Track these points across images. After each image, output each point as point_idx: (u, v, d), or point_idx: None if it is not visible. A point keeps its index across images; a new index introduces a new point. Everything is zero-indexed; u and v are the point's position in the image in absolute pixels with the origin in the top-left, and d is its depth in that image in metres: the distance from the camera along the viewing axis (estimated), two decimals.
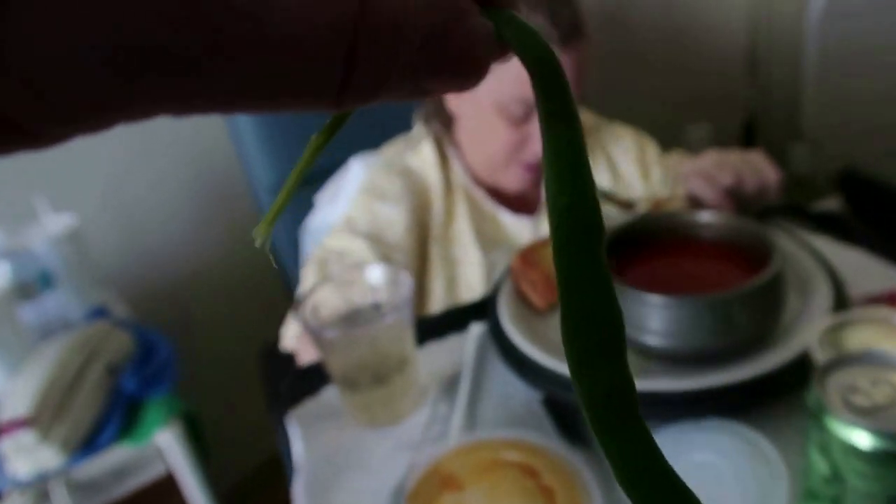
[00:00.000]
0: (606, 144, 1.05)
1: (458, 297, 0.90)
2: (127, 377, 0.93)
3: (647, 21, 1.60)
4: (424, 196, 0.96)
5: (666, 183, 1.01)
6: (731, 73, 1.71)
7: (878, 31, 1.56)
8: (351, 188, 1.06)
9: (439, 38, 0.14)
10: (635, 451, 0.14)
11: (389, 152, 1.05)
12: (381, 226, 0.90)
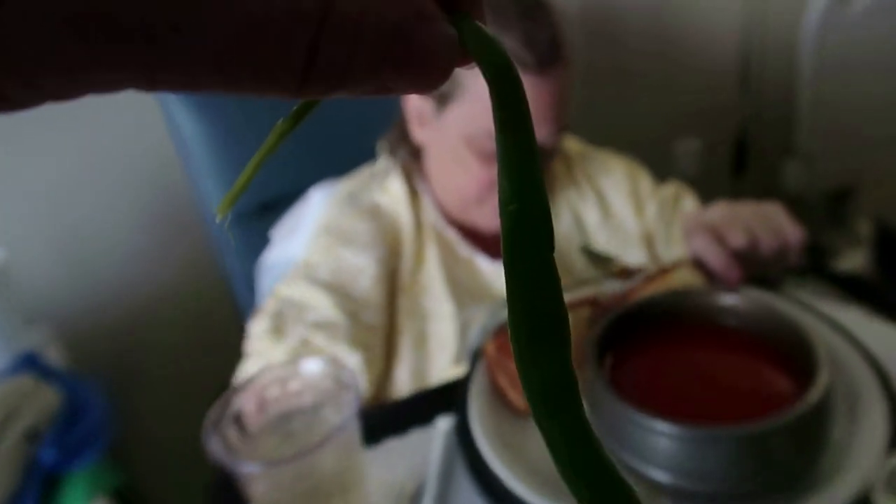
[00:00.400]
0: (595, 176, 0.95)
1: (429, 355, 0.79)
2: (47, 445, 0.81)
3: (636, 35, 1.51)
4: (395, 240, 0.85)
5: (662, 220, 0.91)
6: (723, 88, 1.62)
7: (874, 47, 1.48)
8: (311, 221, 0.94)
9: (404, 36, 0.14)
10: (575, 441, 0.15)
11: (353, 185, 0.93)
12: (346, 276, 0.79)
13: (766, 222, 0.68)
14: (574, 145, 1.00)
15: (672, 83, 1.60)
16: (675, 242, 0.89)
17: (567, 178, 0.94)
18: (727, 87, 1.61)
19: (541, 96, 0.73)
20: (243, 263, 1.06)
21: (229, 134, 1.01)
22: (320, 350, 0.72)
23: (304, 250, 0.86)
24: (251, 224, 1.05)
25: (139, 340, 1.14)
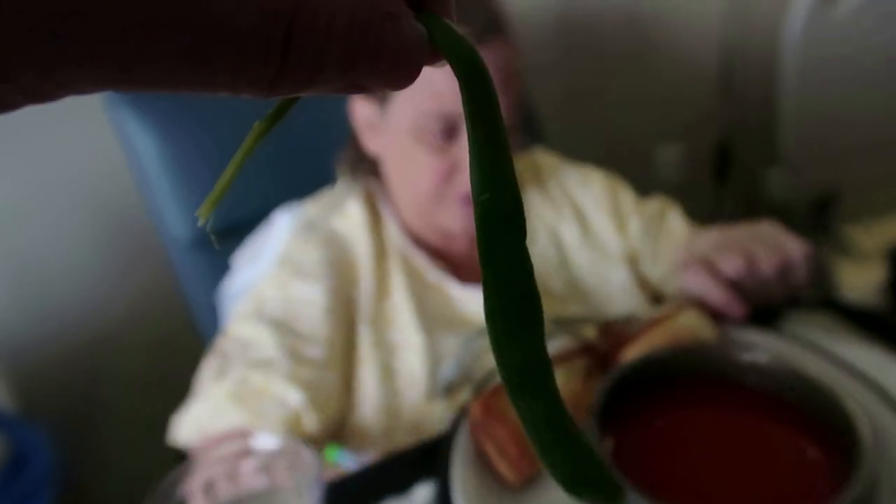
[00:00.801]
0: (572, 191, 0.89)
1: (397, 390, 0.73)
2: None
3: (615, 42, 1.46)
4: (349, 268, 0.79)
5: (647, 237, 0.85)
6: (704, 95, 1.59)
7: (857, 52, 1.46)
8: (274, 247, 0.88)
9: (375, 34, 0.14)
10: (551, 420, 0.16)
11: (313, 210, 0.87)
12: (293, 310, 0.73)
13: (763, 240, 0.63)
14: (548, 159, 0.94)
15: (653, 90, 1.56)
16: (661, 260, 0.84)
17: (540, 193, 0.88)
18: (708, 94, 1.58)
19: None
20: (206, 290, 0.99)
21: (185, 151, 0.95)
22: (260, 390, 0.66)
23: (260, 281, 0.80)
24: (213, 249, 0.98)
25: (94, 376, 1.06)
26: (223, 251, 0.98)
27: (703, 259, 0.63)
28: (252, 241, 0.93)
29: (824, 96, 1.48)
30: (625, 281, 0.83)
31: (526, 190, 0.89)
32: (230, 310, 0.93)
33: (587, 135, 1.46)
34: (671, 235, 0.85)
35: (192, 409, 0.68)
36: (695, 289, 0.61)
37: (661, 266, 0.84)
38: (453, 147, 0.72)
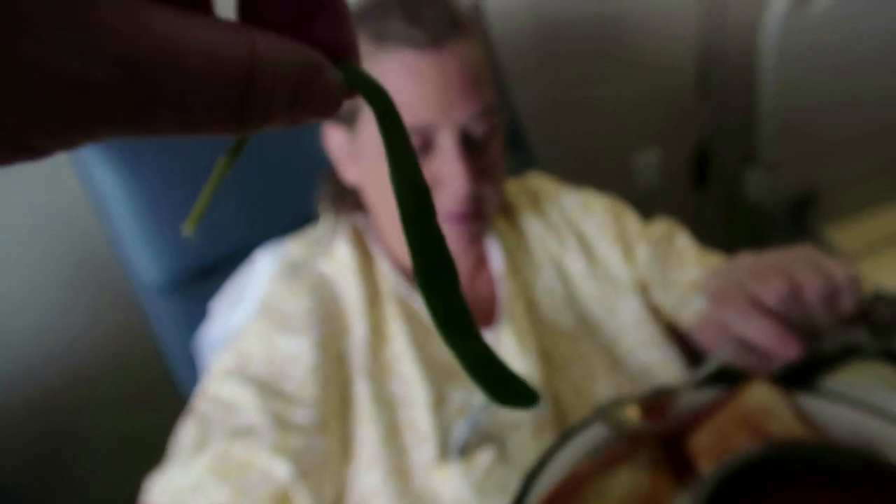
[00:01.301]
0: (574, 218, 0.84)
1: (405, 451, 0.67)
2: None
3: (592, 48, 1.42)
4: (339, 317, 0.73)
5: (656, 262, 0.81)
6: (681, 98, 1.56)
7: (833, 51, 1.44)
8: (256, 290, 0.82)
9: (307, 84, 0.18)
10: (477, 353, 0.21)
11: (297, 250, 0.81)
12: (279, 368, 0.67)
13: (805, 264, 0.55)
14: (545, 184, 0.89)
15: (630, 96, 1.53)
16: (673, 286, 0.79)
17: (540, 222, 0.83)
18: (686, 98, 1.55)
19: (445, 71, 0.64)
20: (181, 339, 0.92)
21: (152, 191, 0.87)
22: (244, 463, 0.60)
23: (242, 334, 0.73)
24: (188, 292, 0.91)
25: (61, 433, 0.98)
26: (199, 295, 0.91)
27: (739, 290, 0.55)
28: (232, 284, 0.87)
29: (802, 96, 1.46)
30: (636, 312, 0.78)
31: (523, 216, 0.84)
32: (210, 361, 0.86)
33: (565, 143, 1.42)
34: (681, 259, 0.81)
35: (169, 476, 0.61)
36: (738, 331, 0.54)
37: (673, 293, 0.79)
38: (430, 161, 0.67)
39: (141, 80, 0.15)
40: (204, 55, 0.15)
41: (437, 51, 0.64)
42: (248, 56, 0.16)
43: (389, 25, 0.65)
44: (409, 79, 0.64)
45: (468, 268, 0.80)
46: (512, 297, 0.76)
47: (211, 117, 0.16)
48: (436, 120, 0.65)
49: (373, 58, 0.66)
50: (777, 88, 1.44)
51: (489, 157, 0.69)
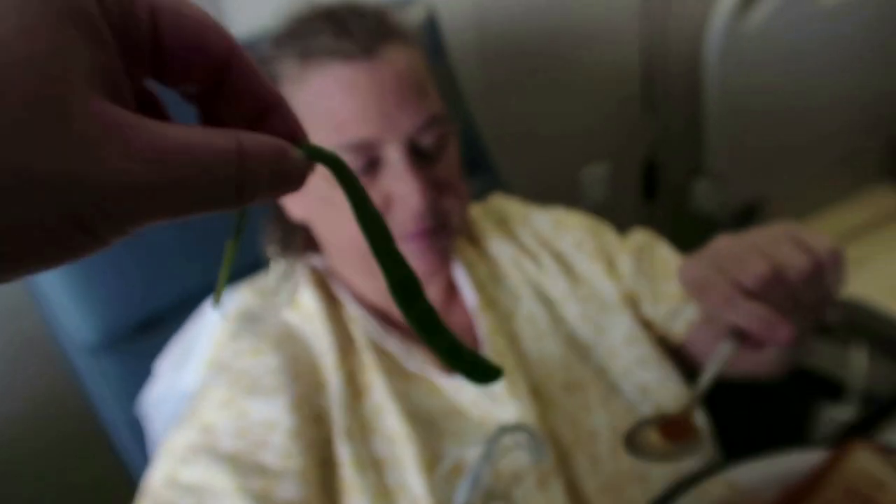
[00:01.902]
0: (549, 238, 0.79)
1: None
2: None
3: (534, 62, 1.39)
4: (312, 371, 0.66)
5: (640, 275, 0.76)
6: (628, 111, 1.54)
7: (774, 63, 1.46)
8: (207, 345, 0.72)
9: (280, 167, 0.22)
10: (450, 344, 0.26)
11: (251, 299, 0.72)
12: (254, 437, 0.59)
13: (786, 241, 0.50)
14: (511, 206, 0.84)
15: (576, 110, 1.50)
16: (662, 298, 0.75)
17: (512, 245, 0.78)
18: (633, 111, 1.54)
19: (381, 80, 0.59)
20: (120, 402, 0.82)
21: None
22: None
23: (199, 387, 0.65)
24: (128, 350, 0.81)
25: None
26: (138, 353, 0.82)
27: (718, 274, 0.49)
28: (178, 339, 0.77)
29: (745, 108, 1.48)
30: (627, 329, 0.73)
31: (492, 242, 0.78)
32: (161, 434, 0.76)
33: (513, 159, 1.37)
34: (666, 270, 0.76)
35: None
36: (720, 314, 0.49)
37: (663, 304, 0.74)
38: (380, 180, 0.61)
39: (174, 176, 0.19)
40: (210, 151, 0.20)
41: (369, 60, 0.59)
42: (237, 147, 0.21)
43: (315, 41, 0.60)
44: (343, 93, 0.59)
45: (439, 300, 0.74)
46: (491, 333, 0.70)
47: (217, 197, 0.20)
48: (379, 134, 0.59)
49: (299, 79, 0.60)
50: (721, 100, 1.44)
51: (443, 168, 0.64)
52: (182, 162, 0.19)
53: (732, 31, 1.37)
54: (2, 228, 0.17)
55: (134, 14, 0.20)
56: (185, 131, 0.20)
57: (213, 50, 0.22)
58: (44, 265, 0.19)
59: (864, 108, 1.64)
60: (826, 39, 1.49)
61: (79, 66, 0.18)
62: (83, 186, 0.17)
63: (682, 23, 1.50)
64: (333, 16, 0.61)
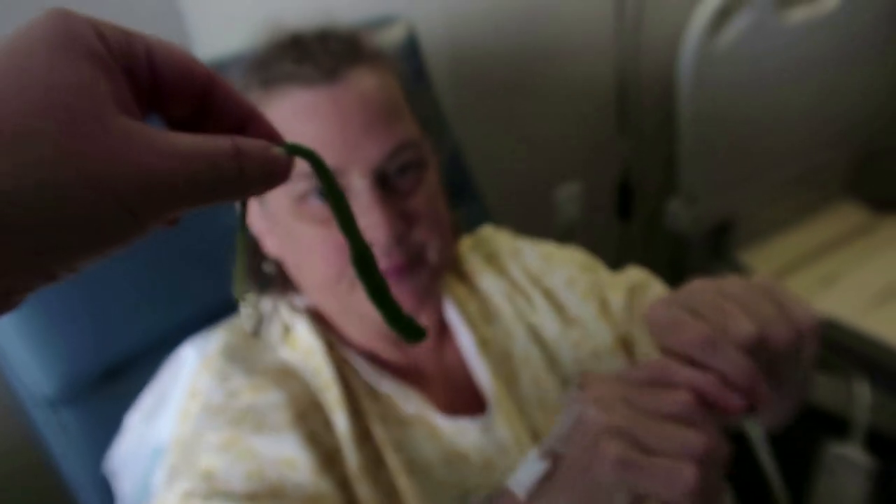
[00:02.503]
0: (538, 275, 0.75)
1: None
2: None
3: (508, 82, 1.37)
4: (318, 410, 0.61)
5: (633, 317, 0.73)
6: (603, 130, 1.53)
7: (746, 79, 1.47)
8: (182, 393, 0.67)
9: (269, 163, 0.27)
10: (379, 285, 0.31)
11: (235, 340, 0.67)
12: (271, 478, 0.54)
13: (770, 304, 0.46)
14: (501, 239, 0.80)
15: (548, 129, 1.48)
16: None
17: (504, 282, 0.74)
18: (607, 131, 1.53)
19: (343, 105, 0.56)
20: (83, 458, 0.75)
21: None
22: None
23: (189, 434, 0.59)
24: (90, 401, 0.75)
25: None
26: (100, 405, 0.75)
27: (699, 318, 0.44)
28: (149, 390, 0.71)
29: (716, 125, 1.48)
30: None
31: (482, 277, 0.74)
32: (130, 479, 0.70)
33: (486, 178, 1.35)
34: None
35: None
36: (700, 356, 0.42)
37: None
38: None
39: (190, 170, 0.24)
40: (214, 150, 0.25)
41: (331, 85, 0.56)
42: (233, 146, 0.25)
43: (277, 67, 0.57)
44: (303, 119, 0.56)
45: (432, 342, 0.69)
46: (492, 377, 0.67)
47: (223, 185, 0.25)
48: (343, 163, 0.55)
49: (262, 104, 0.57)
50: (693, 119, 1.44)
51: (417, 199, 0.60)
52: (194, 159, 0.24)
53: (704, 50, 1.37)
54: (71, 219, 0.21)
55: (134, 55, 0.25)
56: (192, 137, 0.24)
57: (198, 77, 0.27)
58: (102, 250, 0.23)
59: (829, 124, 1.66)
60: (791, 58, 1.50)
61: (104, 94, 0.23)
62: (126, 180, 0.22)
63: (655, 43, 1.49)
64: (298, 41, 0.58)
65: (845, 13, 1.51)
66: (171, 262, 0.78)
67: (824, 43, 1.52)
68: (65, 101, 0.22)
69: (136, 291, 0.76)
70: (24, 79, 0.21)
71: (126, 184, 0.22)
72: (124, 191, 0.22)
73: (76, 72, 0.22)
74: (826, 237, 1.71)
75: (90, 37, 0.23)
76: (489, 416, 0.64)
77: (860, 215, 1.78)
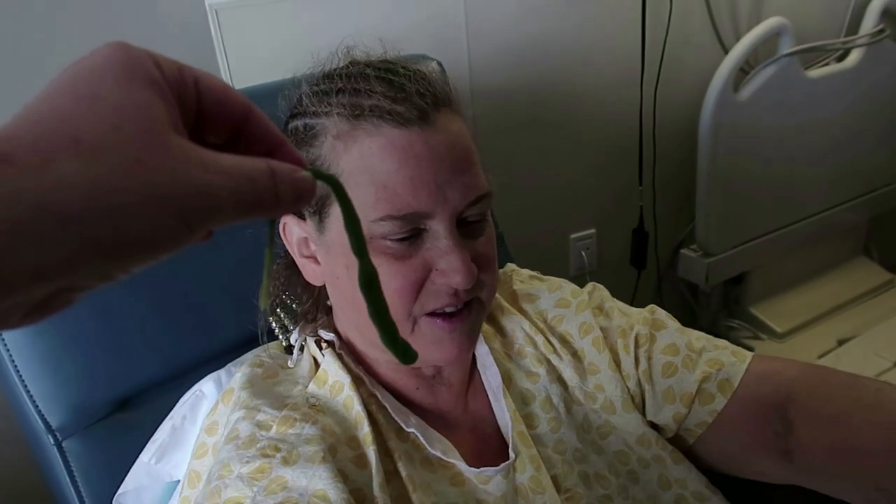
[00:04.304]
0: (553, 322, 0.72)
1: None
2: None
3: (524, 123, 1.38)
4: (350, 446, 0.58)
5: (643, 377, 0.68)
6: (621, 178, 1.53)
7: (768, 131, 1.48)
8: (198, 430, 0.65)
9: (299, 185, 0.29)
10: (381, 306, 0.33)
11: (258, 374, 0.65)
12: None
13: None
14: (519, 279, 0.77)
15: (567, 175, 1.48)
16: (666, 400, 0.67)
17: (523, 322, 0.71)
18: (625, 179, 1.52)
19: (435, 150, 0.55)
20: (89, 487, 0.73)
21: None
22: None
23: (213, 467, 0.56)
24: (99, 431, 0.73)
25: None
26: (113, 435, 0.73)
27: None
28: (165, 424, 0.69)
29: (735, 178, 1.48)
30: (636, 429, 0.67)
31: (505, 316, 0.72)
32: None
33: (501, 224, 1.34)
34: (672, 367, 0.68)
35: None
36: None
37: (667, 406, 0.68)
38: (419, 248, 0.56)
39: (233, 185, 0.26)
40: (253, 168, 0.27)
41: (423, 126, 0.55)
42: (268, 166, 0.27)
43: (369, 100, 0.55)
44: (396, 159, 0.54)
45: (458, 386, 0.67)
46: (514, 421, 0.64)
47: (260, 201, 0.27)
48: (431, 208, 0.54)
49: (349, 136, 0.55)
50: (712, 172, 1.44)
51: (484, 243, 0.59)
52: (237, 175, 0.26)
53: (727, 99, 1.38)
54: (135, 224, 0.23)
55: (185, 83, 0.27)
56: (233, 157, 0.26)
57: (237, 106, 0.30)
58: (155, 255, 0.24)
59: (846, 181, 1.66)
60: (812, 110, 1.51)
61: (163, 116, 0.25)
62: (182, 192, 0.24)
63: (680, 92, 1.50)
64: (387, 76, 0.57)
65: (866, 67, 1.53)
66: (186, 293, 0.77)
67: (845, 95, 1.53)
68: (131, 119, 0.24)
69: (149, 323, 0.75)
70: (95, 100, 0.24)
71: (182, 195, 0.24)
72: (181, 202, 0.24)
73: (139, 95, 0.25)
74: (842, 295, 1.70)
75: (149, 65, 0.26)
76: (511, 461, 0.62)
77: (876, 274, 1.77)
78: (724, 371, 0.66)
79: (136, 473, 0.69)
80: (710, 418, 0.65)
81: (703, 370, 0.67)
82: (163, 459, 0.68)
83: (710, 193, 1.46)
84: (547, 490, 0.62)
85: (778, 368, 0.66)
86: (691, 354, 0.68)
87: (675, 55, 1.44)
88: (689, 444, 0.68)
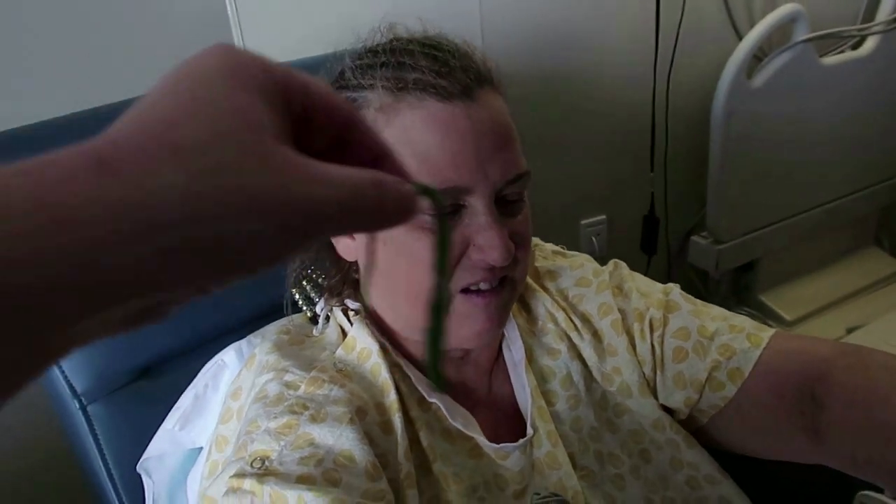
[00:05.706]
0: (574, 300, 0.73)
1: None
2: None
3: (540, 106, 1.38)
4: (377, 412, 0.60)
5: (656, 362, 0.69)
6: (633, 164, 1.53)
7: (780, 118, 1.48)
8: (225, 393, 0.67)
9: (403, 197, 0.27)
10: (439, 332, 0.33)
11: (286, 339, 0.66)
12: (328, 465, 0.52)
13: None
14: (543, 254, 0.78)
15: (579, 160, 1.49)
16: (678, 386, 0.68)
17: (545, 298, 0.72)
18: (636, 165, 1.53)
19: (478, 125, 0.56)
20: (112, 453, 0.75)
21: None
22: None
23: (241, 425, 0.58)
24: (122, 398, 0.75)
25: None
26: (136, 401, 0.75)
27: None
28: (188, 392, 0.71)
29: (747, 165, 1.48)
30: (651, 412, 0.68)
31: (528, 292, 0.73)
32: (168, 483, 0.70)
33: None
34: (684, 352, 0.68)
35: None
36: None
37: (679, 391, 0.68)
38: (458, 222, 0.56)
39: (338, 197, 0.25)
40: (359, 180, 0.25)
41: (467, 102, 0.55)
42: (374, 178, 0.26)
43: (413, 74, 0.56)
44: (439, 133, 0.55)
45: (486, 363, 0.68)
46: (535, 395, 0.66)
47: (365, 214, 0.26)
48: (471, 183, 0.55)
49: (392, 109, 0.56)
50: (724, 158, 1.44)
51: (520, 222, 0.60)
52: (343, 186, 0.25)
53: (740, 85, 1.38)
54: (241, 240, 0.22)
55: (292, 90, 0.27)
56: (339, 168, 0.25)
57: (342, 114, 0.29)
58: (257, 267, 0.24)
59: (858, 170, 1.66)
60: (826, 96, 1.51)
61: (268, 124, 0.24)
62: (286, 203, 0.23)
63: (694, 78, 1.50)
64: (432, 52, 0.58)
65: (882, 55, 1.52)
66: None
67: (860, 83, 1.53)
68: (236, 129, 0.23)
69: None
70: (200, 105, 0.23)
71: (283, 206, 0.23)
72: (282, 213, 0.23)
73: (247, 101, 0.24)
74: (852, 285, 1.70)
75: (257, 71, 0.25)
76: (529, 437, 0.64)
77: (887, 264, 1.77)
78: (735, 359, 0.65)
79: (160, 440, 0.71)
80: (721, 403, 0.66)
81: (714, 358, 0.66)
82: (186, 427, 0.70)
83: (721, 180, 1.46)
84: (563, 466, 0.63)
85: (806, 346, 0.65)
86: (702, 340, 0.68)
87: (689, 41, 1.44)
88: (702, 424, 0.69)
